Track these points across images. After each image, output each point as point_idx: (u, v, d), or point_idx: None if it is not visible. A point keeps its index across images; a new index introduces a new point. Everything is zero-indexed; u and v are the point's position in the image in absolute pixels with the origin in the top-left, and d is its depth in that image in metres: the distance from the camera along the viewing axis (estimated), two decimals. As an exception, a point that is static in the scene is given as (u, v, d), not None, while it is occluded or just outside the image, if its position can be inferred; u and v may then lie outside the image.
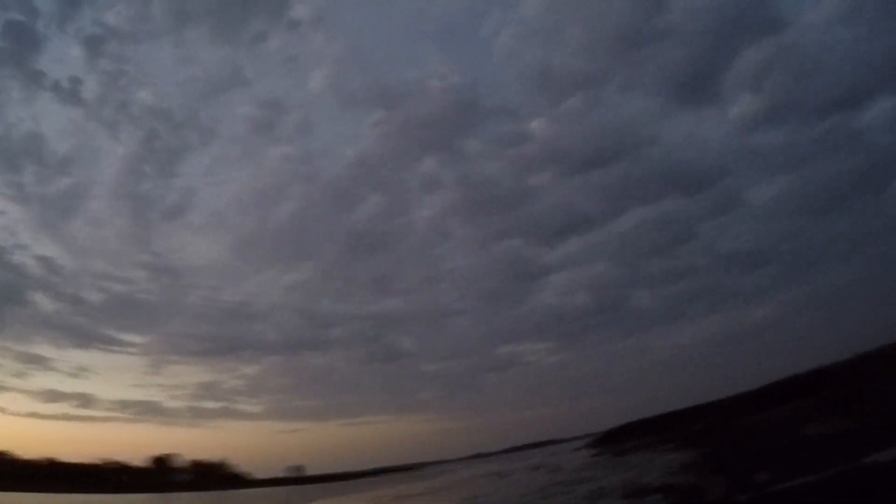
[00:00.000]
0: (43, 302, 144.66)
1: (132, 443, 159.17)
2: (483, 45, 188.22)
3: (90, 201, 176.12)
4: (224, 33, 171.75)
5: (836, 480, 12.36)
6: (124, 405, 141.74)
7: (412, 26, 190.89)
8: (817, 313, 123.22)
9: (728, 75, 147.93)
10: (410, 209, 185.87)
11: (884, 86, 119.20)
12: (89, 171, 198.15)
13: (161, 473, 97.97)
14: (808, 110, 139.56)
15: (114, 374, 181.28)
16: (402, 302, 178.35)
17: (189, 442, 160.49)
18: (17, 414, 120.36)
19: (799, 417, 30.37)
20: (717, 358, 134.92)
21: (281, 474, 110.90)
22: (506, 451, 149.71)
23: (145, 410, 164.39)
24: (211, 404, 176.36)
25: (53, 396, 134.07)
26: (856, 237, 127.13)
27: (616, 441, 78.08)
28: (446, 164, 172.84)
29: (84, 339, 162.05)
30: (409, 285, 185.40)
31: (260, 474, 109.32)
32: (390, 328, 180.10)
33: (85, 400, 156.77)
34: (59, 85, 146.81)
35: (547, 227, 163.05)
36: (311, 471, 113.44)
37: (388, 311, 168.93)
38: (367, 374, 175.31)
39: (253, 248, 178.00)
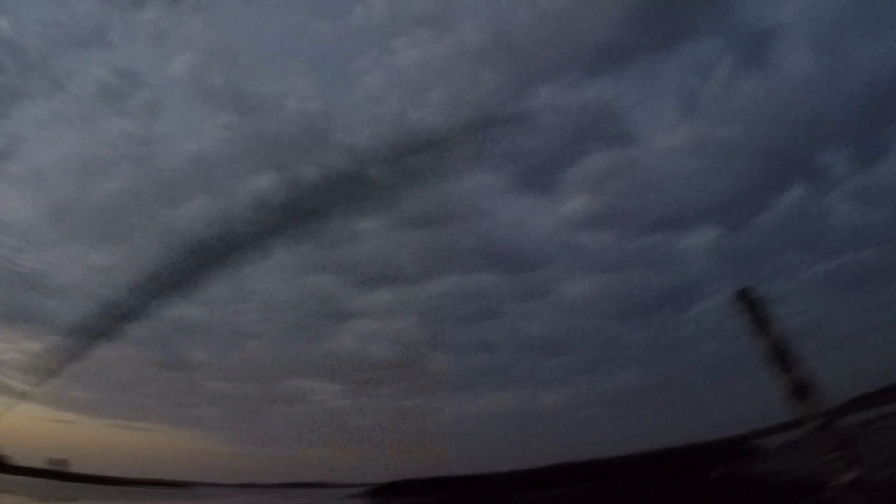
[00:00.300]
0: None
1: None
2: (349, 80, 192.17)
3: None
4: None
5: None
6: None
7: (286, 41, 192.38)
8: (600, 410, 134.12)
9: (570, 173, 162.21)
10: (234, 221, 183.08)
11: (705, 219, 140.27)
12: None
13: None
14: (635, 223, 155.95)
15: None
16: (203, 312, 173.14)
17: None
18: None
19: (569, 502, 35.97)
20: (503, 432, 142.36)
21: (42, 464, 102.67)
22: (279, 486, 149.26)
23: None
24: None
25: None
26: (649, 348, 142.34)
27: (390, 494, 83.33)
28: (280, 185, 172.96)
29: None
30: (213, 296, 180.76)
31: (19, 460, 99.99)
32: (185, 336, 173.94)
33: None
34: None
35: (362, 273, 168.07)
36: (77, 467, 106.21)
37: (186, 317, 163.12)
38: (152, 378, 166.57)
39: (67, 218, 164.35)
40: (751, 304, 5.36)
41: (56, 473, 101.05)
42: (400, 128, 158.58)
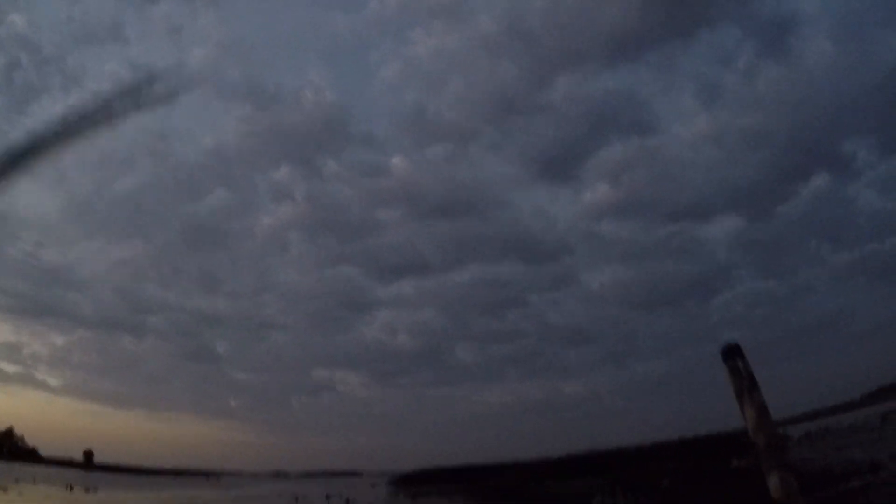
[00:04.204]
0: None
1: None
2: (366, 71, 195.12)
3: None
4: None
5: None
6: None
7: (302, 33, 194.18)
8: (625, 399, 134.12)
9: (590, 163, 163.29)
10: (255, 213, 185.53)
11: (729, 206, 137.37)
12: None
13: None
14: (657, 212, 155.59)
15: None
16: (227, 304, 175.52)
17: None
18: None
19: (589, 492, 36.08)
20: (525, 422, 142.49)
21: (72, 456, 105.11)
22: (305, 475, 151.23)
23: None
24: (7, 366, 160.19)
25: None
26: (674, 337, 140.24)
27: (414, 483, 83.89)
28: (301, 177, 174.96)
29: None
30: (237, 289, 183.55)
31: (49, 451, 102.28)
32: (210, 328, 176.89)
33: None
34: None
35: (385, 263, 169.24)
36: (104, 458, 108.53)
37: (210, 309, 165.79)
38: (178, 370, 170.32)
39: (87, 213, 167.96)
40: (740, 366, 5.17)
41: (85, 463, 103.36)
42: (418, 116, 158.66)
